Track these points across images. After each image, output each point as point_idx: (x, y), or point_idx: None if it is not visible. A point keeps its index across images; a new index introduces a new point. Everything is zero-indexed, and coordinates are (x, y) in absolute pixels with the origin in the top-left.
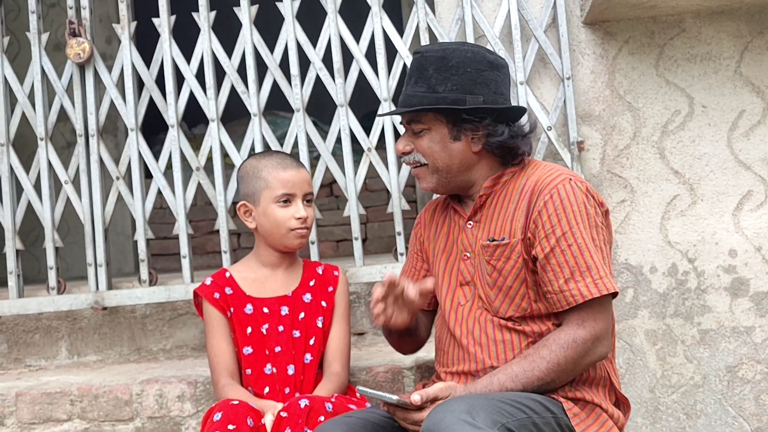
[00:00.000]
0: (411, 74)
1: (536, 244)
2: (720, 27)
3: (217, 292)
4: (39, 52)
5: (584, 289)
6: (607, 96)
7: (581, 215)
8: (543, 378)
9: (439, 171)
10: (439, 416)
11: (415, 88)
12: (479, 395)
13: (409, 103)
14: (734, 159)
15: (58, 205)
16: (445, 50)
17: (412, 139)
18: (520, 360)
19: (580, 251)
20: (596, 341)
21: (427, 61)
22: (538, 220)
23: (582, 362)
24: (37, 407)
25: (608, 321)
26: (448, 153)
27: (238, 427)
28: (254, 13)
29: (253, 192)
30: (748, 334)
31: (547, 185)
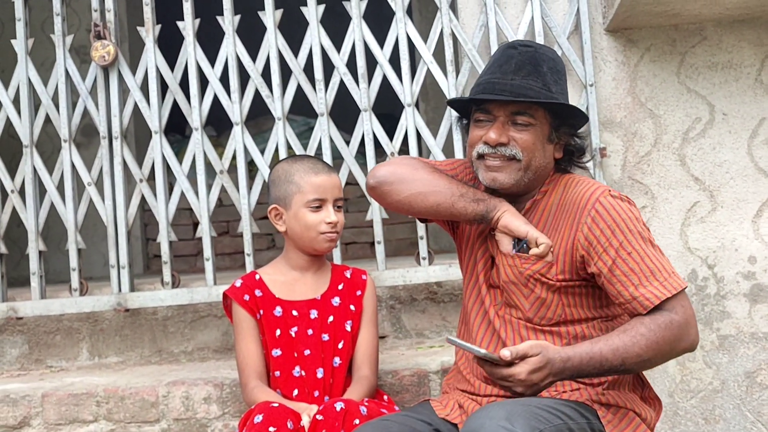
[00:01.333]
0: (521, 66)
1: (595, 260)
2: (741, 35)
3: (247, 294)
4: (63, 55)
5: (657, 291)
6: (628, 103)
7: (631, 222)
8: (641, 355)
9: (528, 169)
10: (479, 422)
11: (529, 80)
12: (517, 401)
13: (526, 95)
14: (754, 166)
15: (81, 207)
16: (555, 53)
17: (510, 131)
18: (620, 333)
19: (641, 258)
20: (688, 326)
21: (541, 57)
22: (591, 238)
23: (678, 346)
24: (63, 408)
25: (692, 309)
26: (542, 153)
27: (278, 429)
28: (279, 18)
29: (284, 196)
30: (767, 340)
31: (588, 201)
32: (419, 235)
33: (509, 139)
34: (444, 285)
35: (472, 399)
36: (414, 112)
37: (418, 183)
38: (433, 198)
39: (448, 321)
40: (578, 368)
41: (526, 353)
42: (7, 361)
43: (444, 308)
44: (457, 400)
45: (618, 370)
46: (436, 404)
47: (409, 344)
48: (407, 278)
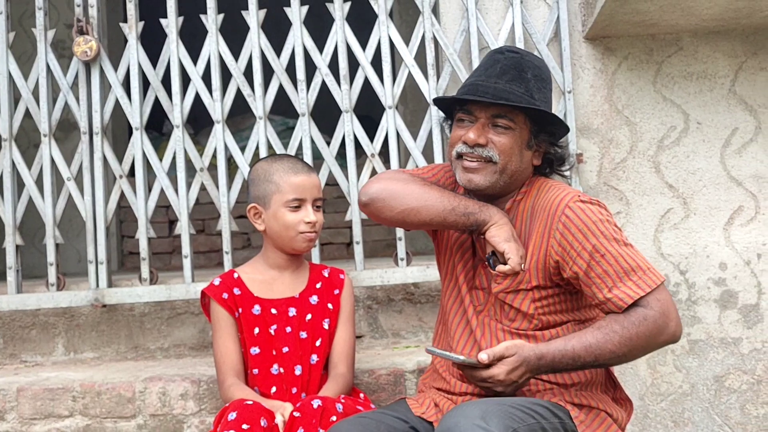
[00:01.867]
0: (506, 71)
1: (570, 265)
2: (716, 46)
3: (225, 293)
4: (45, 49)
5: (629, 290)
6: (605, 110)
7: (603, 225)
8: (615, 351)
9: (504, 173)
10: (454, 421)
11: (512, 85)
12: (491, 400)
13: (507, 98)
14: (727, 175)
15: (60, 202)
16: (540, 62)
17: (489, 133)
18: (593, 330)
19: (614, 259)
20: (666, 319)
21: (526, 65)
22: (564, 243)
23: (656, 339)
24: (39, 403)
25: (671, 300)
26: (520, 158)
27: (252, 427)
28: (262, 17)
29: (263, 195)
30: (735, 345)
31: (558, 207)
32: (397, 237)
33: (487, 141)
34: (421, 286)
35: (447, 398)
36: (395, 114)
37: (410, 198)
38: (426, 213)
39: (425, 321)
40: (552, 364)
41: (503, 354)
42: None
43: (421, 309)
44: (433, 399)
45: (592, 365)
46: (412, 402)
47: (385, 344)
48: (385, 279)
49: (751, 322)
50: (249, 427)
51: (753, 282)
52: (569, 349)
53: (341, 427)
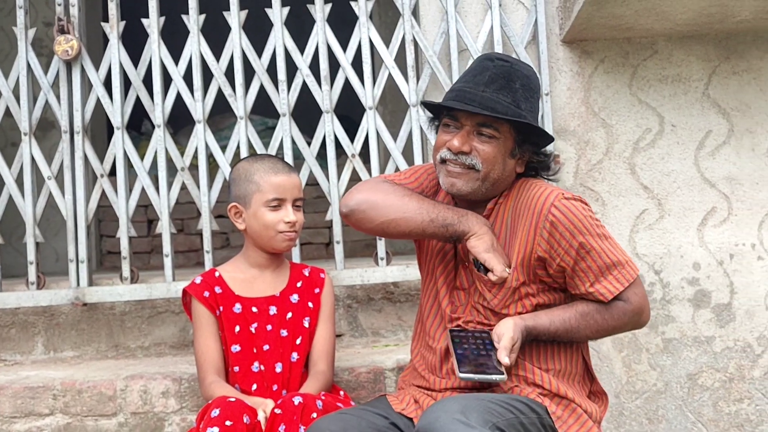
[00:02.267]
0: (495, 79)
1: (557, 261)
2: (690, 51)
3: (206, 291)
4: (26, 48)
5: (611, 285)
6: (582, 112)
7: (588, 221)
8: (590, 336)
9: (486, 180)
10: (434, 416)
11: (500, 95)
12: (471, 396)
13: (494, 108)
14: (700, 177)
15: (40, 201)
16: (529, 70)
17: (473, 141)
18: (578, 317)
19: (598, 255)
20: (641, 312)
21: (515, 74)
22: (552, 241)
23: (625, 329)
24: (19, 401)
25: (644, 293)
26: (503, 167)
27: (234, 423)
28: (243, 18)
29: (244, 194)
30: (708, 344)
31: (543, 205)
32: (377, 237)
33: (471, 149)
34: (401, 285)
35: (427, 394)
36: (375, 115)
37: (390, 210)
38: (405, 225)
39: (404, 320)
40: (534, 336)
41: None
42: None
43: (400, 308)
44: (413, 396)
45: (563, 340)
46: (392, 399)
47: (365, 343)
48: (365, 278)
49: (724, 321)
50: (232, 423)
51: (725, 282)
52: (552, 329)
53: (322, 423)
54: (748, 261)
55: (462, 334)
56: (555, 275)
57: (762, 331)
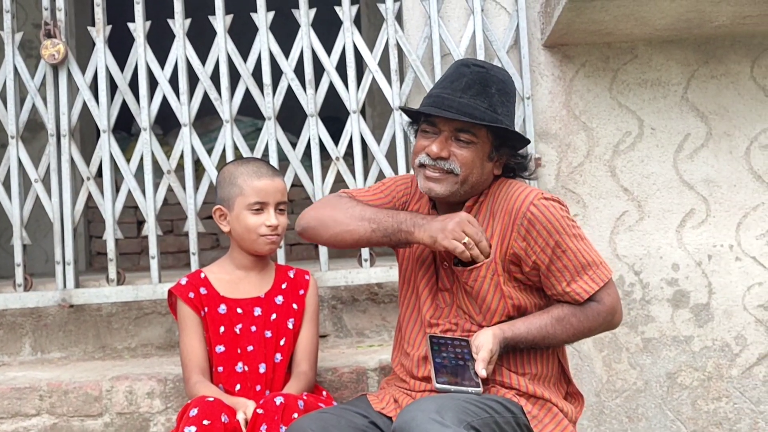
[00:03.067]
0: (471, 85)
1: (533, 259)
2: (669, 55)
3: (192, 292)
4: (12, 52)
5: (586, 285)
6: (563, 116)
7: (564, 221)
8: (566, 340)
9: (464, 183)
10: (410, 415)
11: (477, 100)
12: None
13: (471, 114)
14: (679, 179)
15: (27, 203)
16: (505, 74)
17: (451, 146)
18: (554, 322)
19: (574, 255)
20: (614, 312)
21: (491, 79)
22: (528, 237)
23: (600, 330)
24: (6, 402)
25: (617, 293)
26: (481, 170)
27: (212, 423)
28: (229, 23)
29: (228, 197)
30: (687, 343)
31: (522, 204)
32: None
33: (450, 154)
34: (384, 286)
35: (407, 393)
36: (359, 119)
37: (335, 225)
38: (350, 237)
39: (388, 321)
40: (511, 345)
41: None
42: None
43: (384, 309)
44: (393, 395)
45: (541, 347)
46: (372, 398)
47: (349, 343)
48: (349, 279)
49: (702, 321)
50: (210, 423)
51: (704, 282)
52: (530, 338)
53: (302, 422)
54: (726, 262)
55: (441, 341)
56: (529, 273)
57: (740, 331)
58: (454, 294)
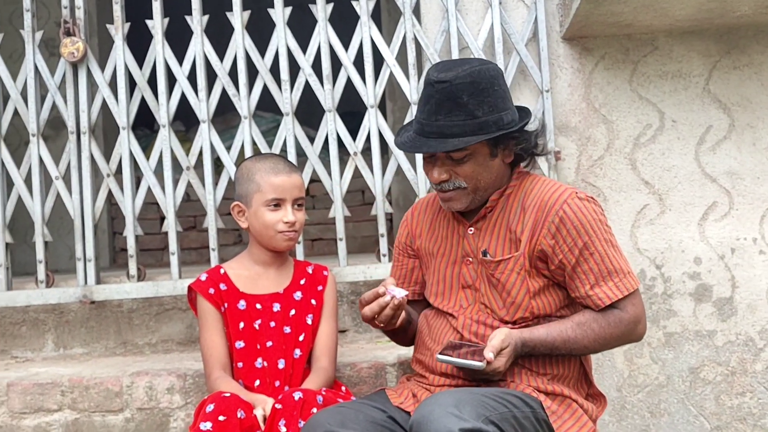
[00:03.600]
0: (441, 104)
1: (560, 257)
2: (690, 46)
3: (212, 288)
4: (33, 50)
5: (609, 291)
6: (583, 108)
7: (597, 224)
8: (588, 347)
9: (477, 190)
10: (428, 409)
11: (452, 117)
12: (464, 390)
13: (450, 134)
14: (701, 172)
15: (48, 200)
16: (472, 73)
17: (450, 166)
18: (575, 327)
19: (602, 259)
20: (638, 322)
21: (458, 89)
22: (558, 236)
23: (623, 340)
24: (29, 397)
25: (642, 305)
26: (489, 171)
27: (228, 418)
28: (246, 19)
29: (246, 194)
30: (710, 338)
31: (556, 201)
32: (380, 233)
33: (450, 175)
34: None
35: (425, 388)
36: (377, 114)
37: None
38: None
39: None
40: (530, 350)
41: (502, 348)
42: None
43: None
44: (411, 390)
45: (563, 354)
46: (391, 393)
47: (368, 338)
48: (367, 274)
49: (725, 315)
50: (225, 418)
51: (727, 276)
52: (549, 340)
53: (320, 416)
54: (750, 255)
55: (457, 343)
56: (554, 271)
57: (764, 325)
58: (477, 290)
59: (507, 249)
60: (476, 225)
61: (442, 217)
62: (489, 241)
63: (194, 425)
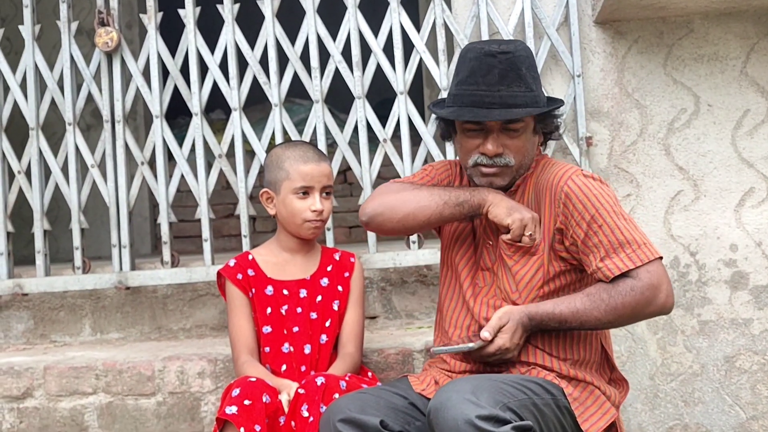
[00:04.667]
0: (505, 75)
1: (570, 233)
2: (727, 28)
3: (240, 273)
4: (69, 41)
5: (620, 262)
6: (615, 93)
7: (603, 197)
8: (600, 318)
9: (519, 169)
10: (446, 396)
11: (514, 88)
12: (483, 376)
13: (514, 104)
14: (737, 157)
15: (84, 188)
16: (526, 49)
17: (503, 140)
18: (583, 297)
19: (611, 230)
20: (654, 289)
21: (519, 60)
22: (566, 211)
23: (644, 310)
24: (64, 380)
25: (663, 275)
26: (532, 147)
27: (253, 402)
28: (277, 6)
29: (275, 181)
30: (746, 326)
31: (561, 178)
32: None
33: (503, 149)
34: (433, 268)
35: (447, 375)
36: (407, 100)
37: (405, 205)
38: (422, 214)
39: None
40: (540, 325)
41: (500, 325)
42: (14, 336)
43: (433, 290)
44: (434, 377)
45: (579, 328)
46: (413, 380)
47: (399, 325)
48: (397, 261)
49: (762, 303)
50: (251, 402)
51: (764, 263)
52: (557, 312)
53: (341, 402)
54: None
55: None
56: (570, 248)
57: None
58: (495, 273)
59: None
60: None
61: None
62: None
63: (221, 409)
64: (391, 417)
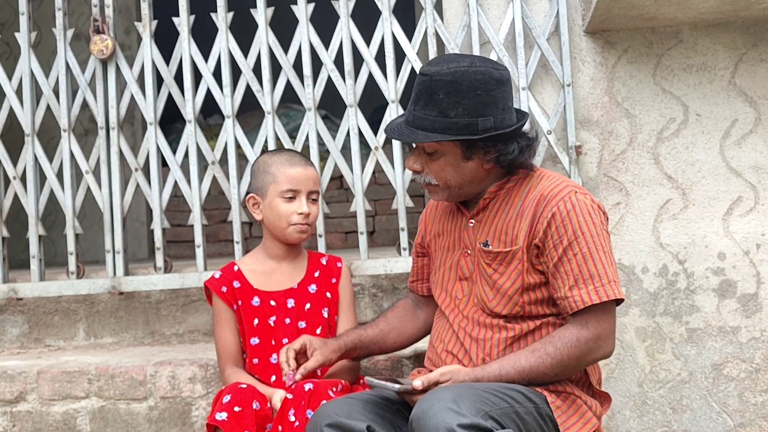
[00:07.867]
0: (419, 96)
1: (546, 253)
2: (716, 39)
3: (224, 286)
4: (64, 48)
5: (586, 295)
6: (605, 102)
7: (587, 225)
8: (547, 373)
9: (450, 188)
10: (428, 404)
11: (426, 111)
12: (465, 385)
13: (421, 126)
14: (726, 166)
15: (79, 194)
16: (455, 73)
17: (424, 159)
18: (527, 354)
19: (584, 260)
20: (599, 340)
21: (436, 85)
22: (548, 231)
23: (585, 359)
24: (57, 385)
25: (611, 323)
26: (460, 173)
27: (243, 409)
28: (270, 15)
29: (261, 185)
30: (734, 334)
31: (554, 197)
32: (400, 227)
33: (423, 167)
34: None
35: None
36: (398, 108)
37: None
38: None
39: None
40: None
41: (438, 380)
42: (8, 340)
43: None
44: None
45: (529, 385)
46: None
47: None
48: (388, 267)
49: (750, 311)
50: (241, 409)
51: (752, 272)
52: (503, 374)
53: (328, 407)
54: None
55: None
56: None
57: None
58: (473, 282)
59: (506, 242)
60: (477, 217)
61: (450, 211)
62: (488, 234)
63: (211, 415)
64: (378, 422)
